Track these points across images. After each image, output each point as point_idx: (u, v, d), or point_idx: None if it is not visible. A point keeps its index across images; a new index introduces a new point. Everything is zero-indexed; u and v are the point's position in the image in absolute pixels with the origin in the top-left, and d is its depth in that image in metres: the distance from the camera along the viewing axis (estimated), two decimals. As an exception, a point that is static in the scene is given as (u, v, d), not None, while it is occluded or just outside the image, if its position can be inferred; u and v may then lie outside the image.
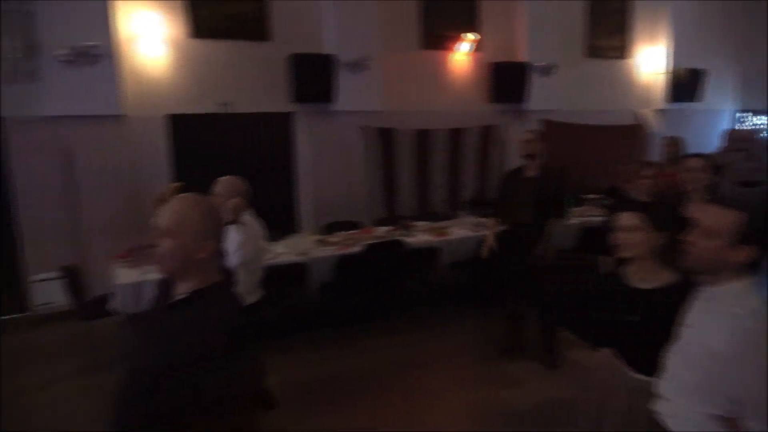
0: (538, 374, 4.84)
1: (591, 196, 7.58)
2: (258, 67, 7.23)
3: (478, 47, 8.46)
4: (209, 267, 1.78)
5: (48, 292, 6.15)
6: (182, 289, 1.75)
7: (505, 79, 8.52)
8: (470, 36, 8.37)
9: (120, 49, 6.43)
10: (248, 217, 4.02)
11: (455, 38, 8.38)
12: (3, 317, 6.26)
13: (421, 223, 6.78)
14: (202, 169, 4.75)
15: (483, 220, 6.56)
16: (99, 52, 6.19)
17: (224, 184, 3.97)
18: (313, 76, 7.25)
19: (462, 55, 8.49)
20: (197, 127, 7.04)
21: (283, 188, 7.68)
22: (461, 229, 6.62)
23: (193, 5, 6.85)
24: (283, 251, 5.75)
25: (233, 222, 3.82)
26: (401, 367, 5.08)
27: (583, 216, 6.86)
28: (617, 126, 9.47)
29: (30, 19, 5.95)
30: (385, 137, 7.98)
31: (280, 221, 6.80)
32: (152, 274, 4.90)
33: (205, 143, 7.10)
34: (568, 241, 6.31)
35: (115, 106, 6.41)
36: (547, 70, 8.64)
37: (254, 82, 7.22)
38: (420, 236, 6.33)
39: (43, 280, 6.19)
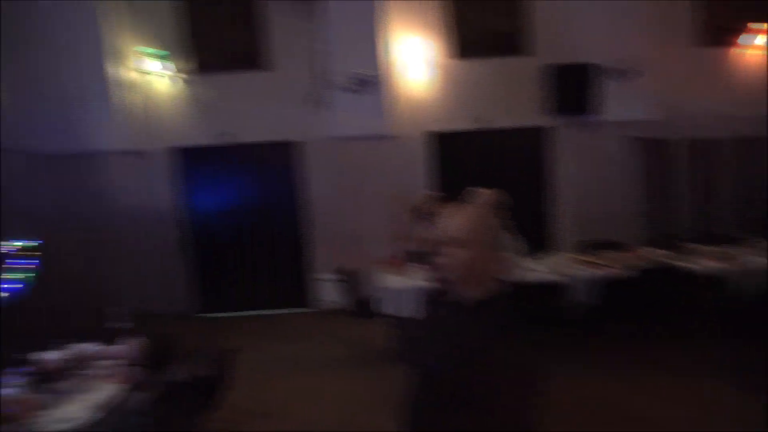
0: None
1: None
2: (516, 82, 7.22)
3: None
4: (490, 277, 1.79)
5: (329, 290, 7.08)
6: (464, 297, 1.79)
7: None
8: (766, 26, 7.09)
9: (391, 74, 7.07)
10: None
11: (742, 30, 7.18)
12: (293, 309, 7.39)
13: (701, 247, 5.91)
14: (461, 183, 4.92)
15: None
16: (373, 79, 6.90)
17: (479, 195, 4.00)
18: (574, 87, 6.96)
19: (754, 49, 7.23)
20: (457, 143, 7.36)
21: (540, 203, 7.51)
22: (755, 256, 5.58)
23: (456, 28, 7.18)
24: (539, 268, 5.58)
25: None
26: (672, 406, 4.46)
27: None
28: None
29: (323, 56, 6.93)
30: (657, 148, 7.22)
31: (535, 237, 6.65)
32: (415, 281, 5.23)
33: (465, 158, 7.37)
34: None
35: (386, 127, 7.08)
36: None
37: (513, 97, 7.24)
38: (701, 262, 5.52)
39: (326, 279, 7.15)
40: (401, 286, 5.29)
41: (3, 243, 5.03)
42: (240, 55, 7.24)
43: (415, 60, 7.16)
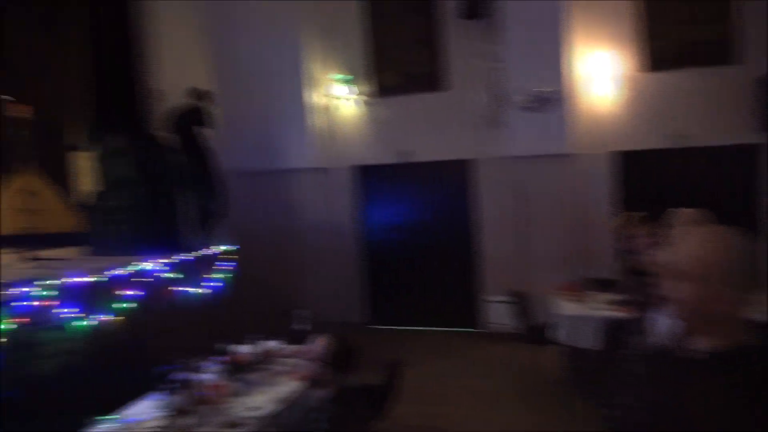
0: None
1: None
2: (721, 95, 6.40)
3: None
4: (733, 322, 1.44)
5: (499, 312, 6.88)
6: (695, 343, 1.47)
7: None
8: None
9: (572, 91, 6.73)
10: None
11: None
12: (462, 329, 7.31)
13: None
14: (650, 206, 4.45)
15: None
16: (553, 97, 6.62)
17: (685, 216, 3.52)
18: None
19: None
20: (646, 163, 6.73)
21: (751, 234, 6.49)
22: None
23: (650, 39, 6.62)
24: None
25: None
26: None
27: None
28: None
29: (498, 74, 6.85)
30: None
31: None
32: (597, 310, 4.83)
33: (655, 180, 6.71)
34: None
35: (564, 146, 6.74)
36: None
37: (716, 112, 6.42)
38: None
39: (496, 301, 6.96)
40: (580, 313, 4.93)
41: (212, 247, 5.74)
42: (419, 76, 7.47)
43: (600, 74, 6.73)
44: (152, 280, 4.75)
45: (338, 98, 7.65)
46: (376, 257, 7.80)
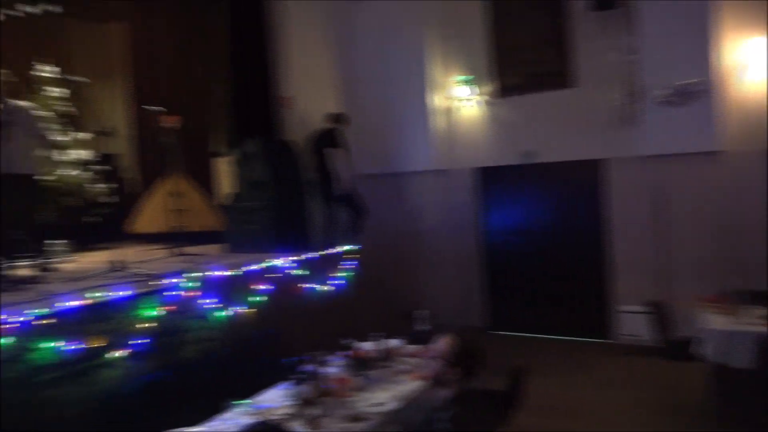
0: None
1: None
2: None
3: None
4: None
5: (633, 324, 6.37)
6: None
7: None
8: None
9: (722, 82, 6.07)
10: None
11: None
12: (590, 339, 6.89)
13: None
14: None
15: None
16: (698, 89, 6.03)
17: None
18: None
19: None
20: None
21: None
22: None
23: (817, 19, 5.80)
24: None
25: None
26: None
27: None
28: None
29: (635, 68, 6.37)
30: None
31: None
32: (751, 325, 4.29)
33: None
34: None
35: (713, 143, 6.11)
36: None
37: None
38: None
39: (630, 312, 6.46)
40: (730, 328, 4.41)
41: (337, 246, 5.95)
42: (544, 74, 7.15)
43: (755, 63, 6.00)
44: (282, 276, 5.01)
45: (460, 100, 7.58)
46: (497, 260, 7.59)
